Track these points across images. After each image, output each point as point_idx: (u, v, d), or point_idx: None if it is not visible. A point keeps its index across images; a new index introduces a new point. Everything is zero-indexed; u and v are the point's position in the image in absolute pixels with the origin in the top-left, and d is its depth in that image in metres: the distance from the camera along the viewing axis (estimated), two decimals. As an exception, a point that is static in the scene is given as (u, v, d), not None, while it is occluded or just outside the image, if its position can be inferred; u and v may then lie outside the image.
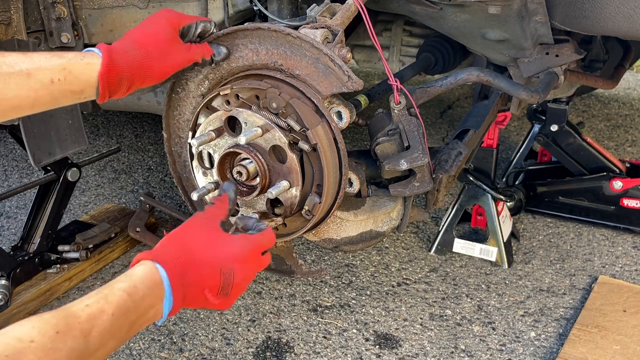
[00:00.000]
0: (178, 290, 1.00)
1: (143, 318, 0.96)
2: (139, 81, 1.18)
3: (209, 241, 1.07)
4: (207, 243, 1.06)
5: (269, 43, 1.23)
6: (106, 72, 1.13)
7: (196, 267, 1.03)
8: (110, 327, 0.90)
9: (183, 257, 1.03)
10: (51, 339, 0.83)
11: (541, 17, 1.45)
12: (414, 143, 1.30)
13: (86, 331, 0.87)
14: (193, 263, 1.02)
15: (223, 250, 1.06)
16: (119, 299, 0.92)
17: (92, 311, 0.89)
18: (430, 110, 3.30)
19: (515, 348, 1.76)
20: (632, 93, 3.57)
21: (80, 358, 0.85)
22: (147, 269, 0.99)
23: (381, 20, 2.19)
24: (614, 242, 2.23)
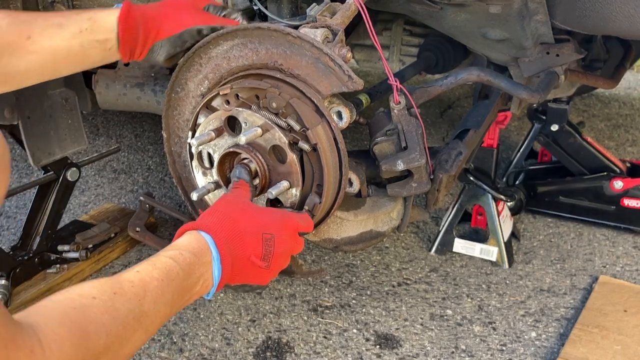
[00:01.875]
0: (227, 257, 1.01)
1: (194, 286, 0.98)
2: (154, 31, 1.25)
3: (248, 210, 1.09)
4: (246, 211, 1.09)
5: (269, 43, 1.23)
6: (124, 16, 1.22)
7: (240, 233, 1.04)
8: (161, 293, 0.91)
9: (227, 224, 1.04)
10: (110, 298, 0.86)
11: (542, 16, 1.45)
12: (411, 144, 1.30)
13: (140, 295, 0.89)
14: (236, 229, 1.04)
15: (262, 217, 1.09)
16: (165, 264, 0.94)
17: (142, 277, 0.91)
18: (431, 109, 3.30)
19: (516, 348, 1.76)
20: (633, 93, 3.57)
21: (136, 321, 0.87)
22: (192, 236, 1.01)
23: (381, 20, 2.19)
24: (615, 242, 2.23)
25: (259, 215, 1.09)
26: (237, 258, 1.03)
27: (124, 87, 2.01)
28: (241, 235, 1.04)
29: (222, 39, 1.26)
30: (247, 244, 1.05)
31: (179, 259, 0.96)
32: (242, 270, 1.05)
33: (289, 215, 1.14)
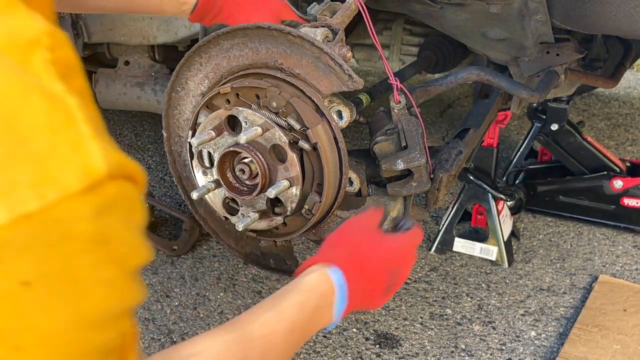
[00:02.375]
0: (352, 296, 0.96)
1: (313, 329, 0.94)
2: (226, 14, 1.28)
3: (375, 241, 1.04)
4: (374, 243, 1.03)
5: (269, 42, 1.23)
6: None
7: (369, 268, 0.99)
8: (283, 347, 0.86)
9: (357, 258, 0.99)
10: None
11: (542, 16, 1.45)
12: (411, 143, 1.30)
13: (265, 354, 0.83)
14: (366, 264, 0.99)
15: (390, 249, 1.04)
16: (290, 316, 0.88)
17: (267, 331, 0.85)
18: (431, 109, 3.30)
19: (516, 347, 1.76)
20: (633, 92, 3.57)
21: None
22: (320, 277, 0.95)
23: (381, 19, 2.19)
24: (615, 241, 2.23)
25: (386, 246, 1.05)
26: (361, 294, 0.99)
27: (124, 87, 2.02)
28: (370, 272, 0.99)
29: (222, 38, 1.26)
30: (375, 281, 1.00)
31: (305, 306, 0.90)
32: (362, 303, 1.01)
33: (411, 240, 1.09)
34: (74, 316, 0.42)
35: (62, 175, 0.37)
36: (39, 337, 0.41)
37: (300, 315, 0.89)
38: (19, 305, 0.39)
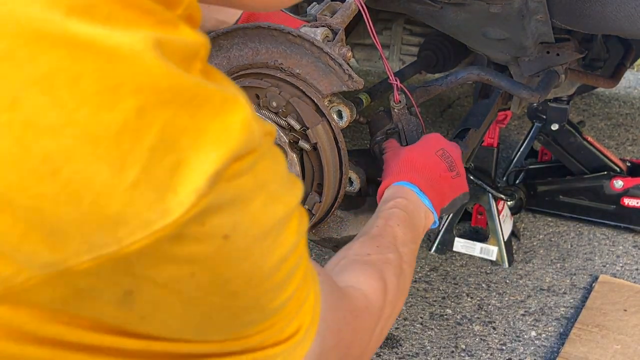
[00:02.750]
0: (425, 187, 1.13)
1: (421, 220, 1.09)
2: None
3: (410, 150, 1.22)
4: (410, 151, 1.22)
5: (269, 42, 1.23)
6: None
7: (421, 166, 1.17)
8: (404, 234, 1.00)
9: (407, 167, 1.17)
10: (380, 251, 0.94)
11: (542, 15, 1.45)
12: (412, 143, 1.30)
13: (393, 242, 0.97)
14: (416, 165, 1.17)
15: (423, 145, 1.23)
16: (393, 214, 1.03)
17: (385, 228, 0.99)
18: (431, 109, 3.30)
19: (516, 347, 1.76)
20: (633, 92, 3.56)
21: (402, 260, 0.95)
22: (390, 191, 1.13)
23: (381, 19, 2.18)
24: (615, 241, 2.22)
25: (420, 146, 1.23)
26: (433, 183, 1.15)
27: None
28: (423, 167, 1.16)
29: (222, 38, 1.26)
30: (432, 168, 1.17)
31: (398, 205, 1.06)
32: (442, 189, 1.17)
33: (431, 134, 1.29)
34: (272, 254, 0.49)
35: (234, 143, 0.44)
36: (247, 279, 0.48)
37: (401, 213, 1.04)
38: (226, 256, 0.45)
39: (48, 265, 0.40)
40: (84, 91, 0.38)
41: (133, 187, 0.39)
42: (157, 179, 0.40)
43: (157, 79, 0.40)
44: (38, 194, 0.38)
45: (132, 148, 0.39)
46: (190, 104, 0.42)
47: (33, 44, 0.38)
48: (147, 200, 0.40)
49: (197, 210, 0.41)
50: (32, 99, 0.38)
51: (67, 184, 0.38)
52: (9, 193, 0.38)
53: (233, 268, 0.46)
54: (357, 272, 0.84)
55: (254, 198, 0.46)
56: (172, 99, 0.41)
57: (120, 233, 0.40)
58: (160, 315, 0.46)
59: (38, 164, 0.38)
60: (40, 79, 0.38)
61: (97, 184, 0.39)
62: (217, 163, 0.42)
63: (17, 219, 0.38)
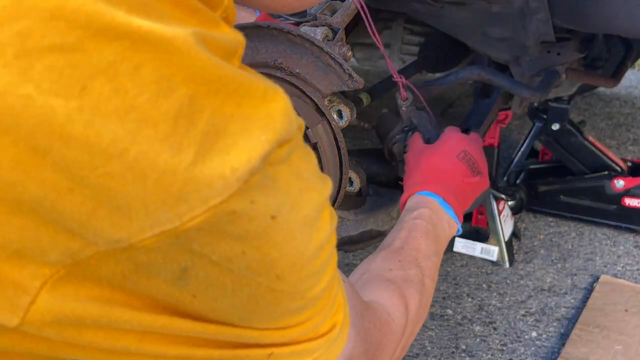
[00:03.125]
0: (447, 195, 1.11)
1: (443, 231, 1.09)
2: None
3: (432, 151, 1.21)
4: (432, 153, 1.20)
5: (269, 41, 1.22)
6: None
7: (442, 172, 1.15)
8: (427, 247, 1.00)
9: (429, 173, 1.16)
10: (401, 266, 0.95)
11: (543, 15, 1.44)
12: (432, 136, 1.31)
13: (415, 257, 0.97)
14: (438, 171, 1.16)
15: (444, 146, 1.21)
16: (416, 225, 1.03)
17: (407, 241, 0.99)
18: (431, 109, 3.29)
19: (517, 348, 1.75)
20: (634, 91, 3.56)
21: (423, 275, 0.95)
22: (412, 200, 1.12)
23: (382, 19, 2.18)
24: (616, 241, 2.22)
25: (441, 148, 1.21)
26: (456, 190, 1.14)
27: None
28: (445, 174, 1.15)
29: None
30: (455, 174, 1.16)
31: (422, 216, 1.06)
32: (465, 194, 1.17)
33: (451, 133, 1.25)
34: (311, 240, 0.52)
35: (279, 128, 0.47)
36: (290, 263, 0.50)
37: (424, 223, 1.04)
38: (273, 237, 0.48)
39: (114, 241, 0.43)
40: (144, 79, 0.42)
41: (192, 165, 0.43)
42: (211, 159, 0.43)
43: (206, 70, 0.44)
44: (107, 173, 0.41)
45: (187, 131, 0.43)
46: (235, 93, 0.45)
47: (101, 35, 0.41)
48: (205, 177, 0.43)
49: (248, 187, 0.45)
50: (99, 87, 0.41)
51: (133, 164, 0.41)
52: (80, 172, 0.41)
53: (279, 249, 0.49)
54: (380, 288, 0.85)
55: (292, 184, 0.50)
56: (220, 89, 0.45)
57: (181, 209, 0.43)
58: (212, 293, 0.48)
59: (107, 146, 0.41)
60: (106, 68, 0.41)
61: (160, 163, 0.42)
62: (266, 144, 0.45)
63: (86, 197, 0.41)
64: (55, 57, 0.40)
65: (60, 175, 0.41)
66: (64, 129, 0.40)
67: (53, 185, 0.41)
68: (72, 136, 0.40)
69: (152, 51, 0.42)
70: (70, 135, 0.40)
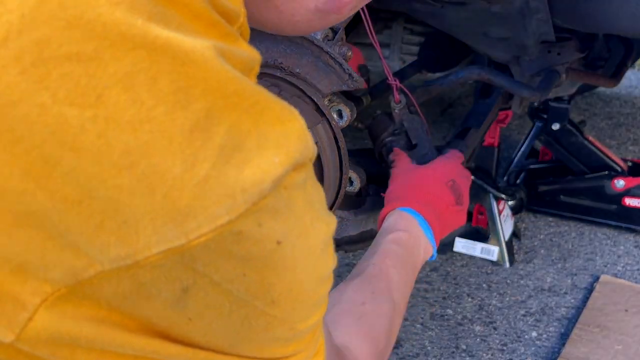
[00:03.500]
0: (431, 219, 1.10)
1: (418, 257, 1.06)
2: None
3: (424, 172, 1.19)
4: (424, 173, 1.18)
5: (269, 41, 1.22)
6: None
7: (431, 194, 1.14)
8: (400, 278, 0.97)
9: (417, 192, 1.14)
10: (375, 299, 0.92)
11: (543, 15, 1.44)
12: (420, 141, 1.30)
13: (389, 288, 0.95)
14: (427, 192, 1.14)
15: (437, 171, 1.19)
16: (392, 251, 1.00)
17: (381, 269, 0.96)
18: (431, 108, 3.29)
19: (517, 348, 1.75)
20: (634, 91, 3.56)
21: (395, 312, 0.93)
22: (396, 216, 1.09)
23: (382, 18, 2.18)
24: (616, 241, 2.22)
25: (434, 170, 1.19)
26: (439, 215, 1.12)
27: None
28: (433, 195, 1.14)
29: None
30: (441, 199, 1.14)
31: (399, 242, 1.03)
32: (446, 221, 1.15)
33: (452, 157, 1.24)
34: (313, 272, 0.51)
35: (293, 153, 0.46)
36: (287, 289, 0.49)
37: (400, 250, 1.01)
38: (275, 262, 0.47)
39: (119, 258, 0.42)
40: (161, 91, 0.41)
41: (204, 181, 0.42)
42: (225, 175, 0.42)
43: (224, 83, 0.43)
44: (116, 186, 0.40)
45: (203, 145, 0.42)
46: (253, 108, 0.45)
47: (118, 45, 0.41)
48: (215, 195, 0.42)
49: (257, 209, 0.44)
50: (115, 96, 0.40)
51: (142, 177, 0.41)
52: (89, 184, 0.40)
53: (278, 275, 0.48)
54: (351, 331, 0.84)
55: (304, 212, 0.49)
56: (237, 103, 0.44)
57: (188, 226, 0.42)
58: (208, 316, 0.47)
59: (117, 157, 0.40)
60: (123, 78, 0.41)
61: (170, 177, 0.41)
62: (279, 167, 0.44)
63: (94, 210, 0.41)
64: (72, 65, 0.40)
65: (69, 187, 0.40)
66: (76, 139, 0.40)
67: (62, 196, 0.40)
68: (83, 147, 0.40)
69: (170, 62, 0.41)
70: (82, 145, 0.40)
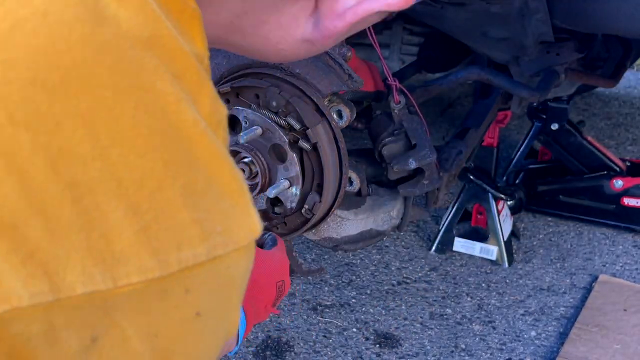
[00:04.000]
0: (251, 318, 1.06)
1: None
2: None
3: (261, 263, 1.13)
4: (261, 266, 1.13)
5: (269, 41, 1.23)
6: None
7: (262, 291, 1.11)
8: None
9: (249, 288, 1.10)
10: None
11: (542, 15, 1.45)
12: (420, 141, 1.30)
13: None
14: (259, 289, 1.10)
15: (273, 267, 1.14)
16: None
17: None
18: (431, 109, 3.30)
19: (516, 347, 1.76)
20: (633, 91, 3.56)
21: None
22: None
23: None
24: (615, 241, 2.22)
25: (272, 264, 1.15)
26: (256, 313, 1.09)
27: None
28: (263, 293, 1.11)
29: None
30: (266, 298, 1.12)
31: None
32: (257, 319, 1.11)
33: (284, 253, 1.19)
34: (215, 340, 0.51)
35: (238, 232, 0.46)
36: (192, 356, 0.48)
37: None
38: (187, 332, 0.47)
39: (41, 294, 0.39)
40: (119, 132, 0.41)
41: (143, 231, 0.41)
42: (166, 230, 0.42)
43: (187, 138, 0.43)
44: (54, 217, 0.39)
45: (151, 195, 0.41)
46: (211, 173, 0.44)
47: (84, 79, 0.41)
48: (152, 248, 0.41)
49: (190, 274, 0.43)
50: (72, 128, 0.40)
51: (83, 213, 0.39)
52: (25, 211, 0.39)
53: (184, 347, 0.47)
54: None
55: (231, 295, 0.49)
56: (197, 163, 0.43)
57: (118, 272, 0.40)
58: None
59: (62, 189, 0.39)
60: (84, 112, 0.40)
61: (111, 218, 0.40)
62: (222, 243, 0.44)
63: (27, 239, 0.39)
64: (35, 90, 0.39)
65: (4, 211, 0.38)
66: (24, 163, 0.38)
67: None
68: (29, 174, 0.38)
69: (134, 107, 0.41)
70: (27, 171, 0.38)
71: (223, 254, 0.44)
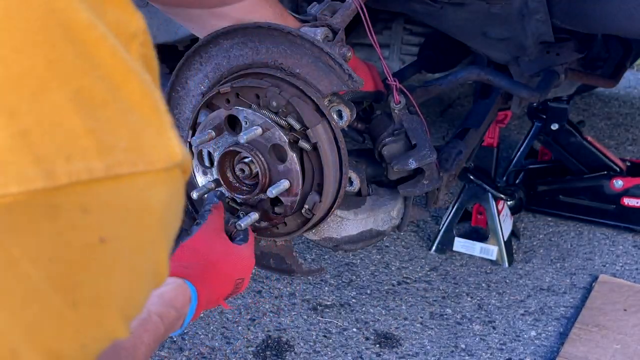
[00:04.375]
0: (202, 303, 1.05)
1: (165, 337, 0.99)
2: None
3: (225, 254, 1.12)
4: (224, 256, 1.11)
5: (269, 41, 1.23)
6: None
7: (218, 281, 1.09)
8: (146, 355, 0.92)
9: (209, 273, 1.07)
10: None
11: (542, 15, 1.45)
12: (420, 141, 1.30)
13: None
14: (217, 278, 1.08)
15: (237, 262, 1.13)
16: (154, 327, 0.94)
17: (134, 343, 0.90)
18: (431, 109, 3.30)
19: (516, 347, 1.76)
20: (633, 92, 3.56)
21: None
22: (179, 289, 1.03)
23: (381, 19, 2.18)
24: (615, 241, 2.23)
25: (234, 259, 1.13)
26: (208, 302, 1.07)
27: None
28: (220, 282, 1.09)
29: (222, 38, 1.26)
30: (222, 290, 1.10)
31: (165, 319, 0.97)
32: (207, 305, 1.09)
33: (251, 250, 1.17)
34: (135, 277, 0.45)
35: (150, 152, 0.41)
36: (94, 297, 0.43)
37: (162, 328, 0.95)
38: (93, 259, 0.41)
39: None
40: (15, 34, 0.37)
41: (21, 135, 0.36)
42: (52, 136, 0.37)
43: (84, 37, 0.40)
44: None
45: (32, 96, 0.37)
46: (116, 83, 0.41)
47: None
48: (32, 154, 0.37)
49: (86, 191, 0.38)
50: None
51: None
52: None
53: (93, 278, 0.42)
54: None
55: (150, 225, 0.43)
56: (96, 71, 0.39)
57: None
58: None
59: None
60: None
61: None
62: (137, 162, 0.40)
63: None
64: None
65: None
66: None
67: None
68: None
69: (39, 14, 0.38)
70: None
71: (129, 173, 0.39)
